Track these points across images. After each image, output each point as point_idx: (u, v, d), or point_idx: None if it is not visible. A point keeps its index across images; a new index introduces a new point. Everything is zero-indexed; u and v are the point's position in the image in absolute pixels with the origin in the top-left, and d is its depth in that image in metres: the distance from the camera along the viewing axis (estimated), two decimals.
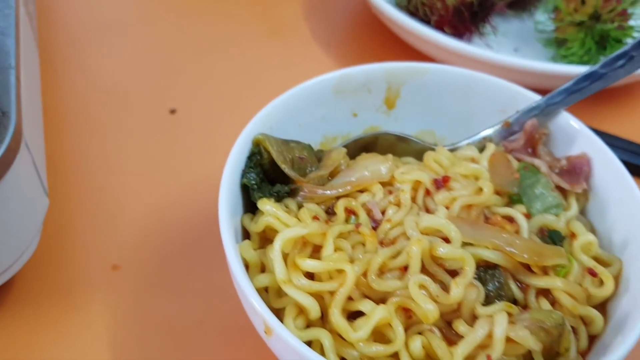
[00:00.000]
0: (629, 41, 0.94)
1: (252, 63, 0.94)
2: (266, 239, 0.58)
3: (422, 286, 0.51)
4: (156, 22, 1.00)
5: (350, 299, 0.52)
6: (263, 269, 0.56)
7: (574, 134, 0.66)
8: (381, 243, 0.56)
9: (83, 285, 0.66)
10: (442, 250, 0.53)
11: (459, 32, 0.93)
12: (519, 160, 0.65)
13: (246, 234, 0.59)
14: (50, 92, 0.83)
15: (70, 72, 0.89)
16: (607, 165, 0.63)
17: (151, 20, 1.00)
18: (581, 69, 0.84)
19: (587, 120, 0.85)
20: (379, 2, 0.91)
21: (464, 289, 0.51)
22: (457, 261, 0.53)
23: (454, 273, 0.54)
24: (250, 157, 0.60)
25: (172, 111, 0.85)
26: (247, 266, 0.55)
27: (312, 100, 0.66)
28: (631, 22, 0.93)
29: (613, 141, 0.84)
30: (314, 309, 0.51)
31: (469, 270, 0.52)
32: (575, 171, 0.63)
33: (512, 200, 0.62)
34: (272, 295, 0.54)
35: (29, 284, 0.65)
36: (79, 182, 0.75)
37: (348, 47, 0.99)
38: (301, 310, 0.52)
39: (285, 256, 0.53)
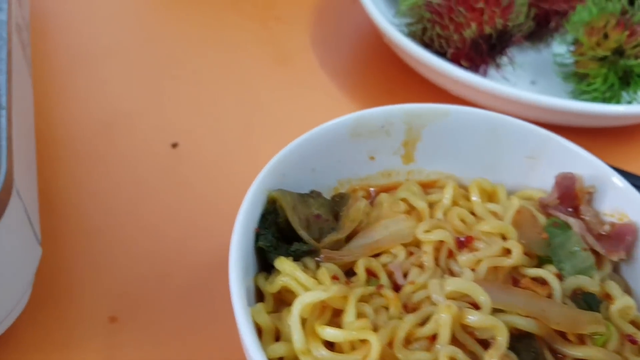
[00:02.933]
0: None
1: (259, 93, 0.90)
2: (281, 300, 0.53)
3: (452, 359, 0.47)
4: (157, 50, 0.95)
5: None
6: (277, 335, 0.51)
7: (617, 192, 0.61)
8: (404, 307, 0.52)
9: (78, 339, 0.61)
10: (472, 318, 0.49)
11: (475, 64, 0.88)
12: (549, 216, 0.61)
13: (258, 294, 0.54)
14: (44, 125, 0.79)
15: (66, 104, 0.84)
16: None
17: (152, 47, 0.96)
18: (603, 107, 0.81)
19: (607, 157, 0.81)
20: (391, 32, 0.87)
21: None
22: (488, 330, 0.49)
23: (484, 343, 0.49)
24: (265, 216, 0.56)
25: (174, 145, 0.80)
26: (259, 331, 0.51)
27: (327, 144, 0.62)
28: None
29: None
30: None
31: (502, 340, 0.48)
32: (617, 238, 0.58)
33: (541, 259, 0.58)
34: None
35: (18, 340, 0.60)
36: (74, 225, 0.70)
37: (357, 77, 0.95)
38: None
39: (302, 322, 0.49)
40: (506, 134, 0.65)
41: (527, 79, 0.95)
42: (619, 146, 0.89)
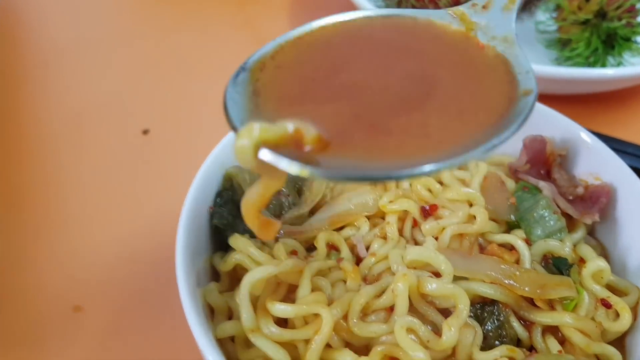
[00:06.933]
0: (639, 39, 0.87)
1: None
2: (238, 279, 0.51)
3: (410, 330, 0.45)
4: (128, 37, 0.94)
5: (329, 346, 0.45)
6: (231, 314, 0.49)
7: (591, 153, 0.59)
8: (365, 280, 0.50)
9: (41, 330, 0.60)
10: (431, 286, 0.46)
11: None
12: (519, 181, 0.58)
13: (216, 275, 0.52)
14: (7, 116, 0.77)
15: (33, 95, 0.83)
16: (623, 182, 0.56)
17: (123, 34, 0.94)
18: (589, 71, 0.78)
19: (595, 125, 0.79)
20: (366, 5, 0.84)
21: (457, 330, 0.45)
22: (448, 298, 0.47)
23: (447, 312, 0.47)
24: (221, 194, 0.54)
25: (145, 132, 0.79)
26: (213, 311, 0.49)
27: None
28: None
29: (622, 147, 0.77)
30: None
31: (463, 308, 0.46)
32: (591, 200, 0.56)
33: (510, 225, 0.55)
34: (239, 346, 0.47)
35: None
36: (39, 215, 0.69)
37: None
38: None
39: (256, 299, 0.47)
40: None
41: None
42: (608, 113, 0.86)
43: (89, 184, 0.73)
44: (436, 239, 0.52)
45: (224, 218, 0.53)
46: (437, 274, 0.48)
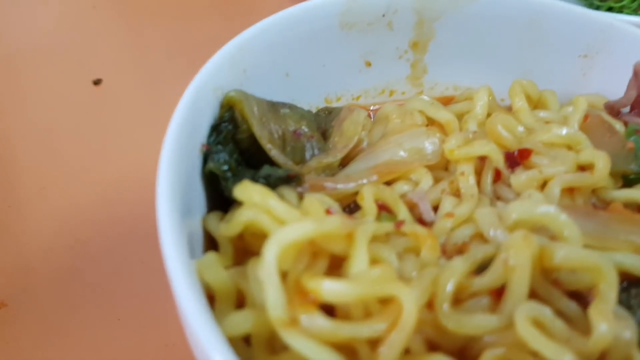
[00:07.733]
0: None
1: (209, 24, 0.71)
2: (245, 251, 0.33)
3: (536, 322, 0.28)
4: None
5: (407, 352, 0.28)
6: (240, 300, 0.31)
7: None
8: (442, 251, 0.33)
9: None
10: (561, 253, 0.29)
11: None
12: (626, 124, 0.43)
13: (210, 244, 0.34)
14: None
15: None
16: None
17: None
18: None
19: None
20: None
21: (612, 323, 0.27)
22: (581, 276, 0.30)
23: (576, 297, 0.30)
24: (218, 127, 0.37)
25: (97, 82, 0.63)
26: (211, 297, 0.31)
27: (307, 35, 0.44)
28: None
29: None
30: None
31: (608, 289, 0.29)
32: None
33: (627, 179, 0.39)
34: (258, 350, 0.29)
35: None
36: None
37: None
38: None
39: (283, 277, 0.29)
40: (551, 26, 0.47)
41: None
42: None
43: (25, 142, 0.56)
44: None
45: (223, 161, 0.35)
46: None
